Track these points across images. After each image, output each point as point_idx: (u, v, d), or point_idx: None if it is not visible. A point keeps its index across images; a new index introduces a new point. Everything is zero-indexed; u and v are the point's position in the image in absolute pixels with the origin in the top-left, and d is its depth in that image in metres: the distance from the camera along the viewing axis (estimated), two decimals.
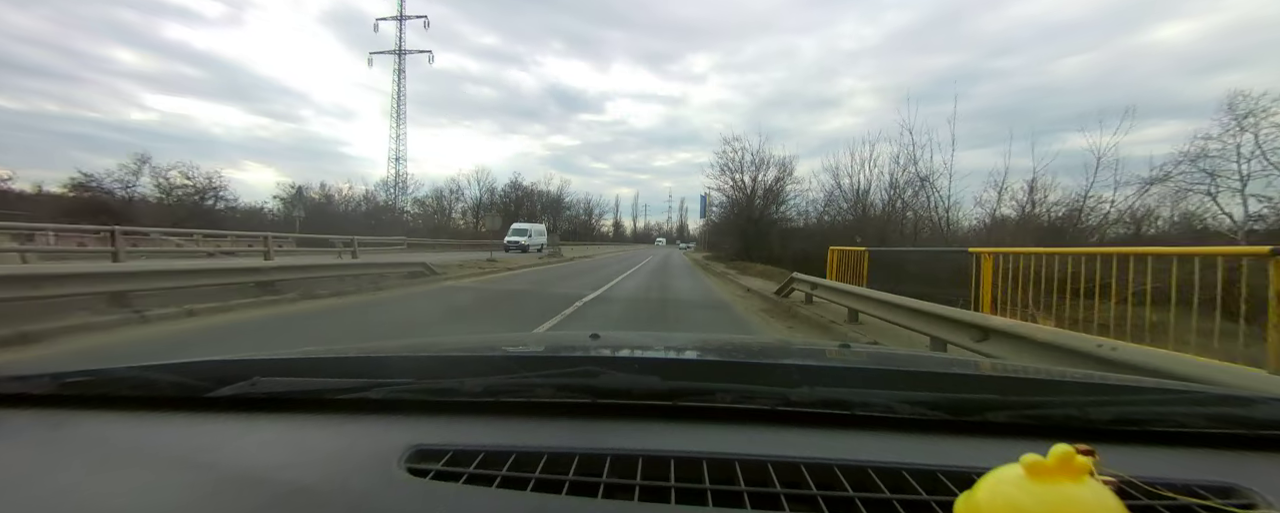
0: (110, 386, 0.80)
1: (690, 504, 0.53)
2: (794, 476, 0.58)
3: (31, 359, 4.07)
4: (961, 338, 4.09)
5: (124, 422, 0.72)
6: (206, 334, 5.28)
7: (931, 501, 0.53)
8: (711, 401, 0.74)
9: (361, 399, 0.75)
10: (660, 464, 0.59)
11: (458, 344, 1.34)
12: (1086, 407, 0.76)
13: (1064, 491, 0.39)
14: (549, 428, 0.70)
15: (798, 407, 0.73)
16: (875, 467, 0.59)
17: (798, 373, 0.89)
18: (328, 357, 0.99)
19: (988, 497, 0.42)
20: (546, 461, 0.60)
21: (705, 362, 1.14)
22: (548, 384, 0.78)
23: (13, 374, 0.82)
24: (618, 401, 0.74)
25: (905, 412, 0.72)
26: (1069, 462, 0.39)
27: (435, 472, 0.57)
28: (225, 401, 0.75)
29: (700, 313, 8.35)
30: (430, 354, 1.01)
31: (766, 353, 1.30)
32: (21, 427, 0.71)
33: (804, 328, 7.04)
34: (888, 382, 0.88)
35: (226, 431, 0.69)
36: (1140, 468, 0.52)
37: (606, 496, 0.55)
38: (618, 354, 1.06)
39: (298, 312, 6.91)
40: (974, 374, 1.07)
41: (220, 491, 0.54)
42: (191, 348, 4.55)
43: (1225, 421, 0.73)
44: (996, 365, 1.18)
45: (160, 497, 0.54)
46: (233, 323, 5.95)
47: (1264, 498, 0.56)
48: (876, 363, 1.09)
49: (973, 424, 0.71)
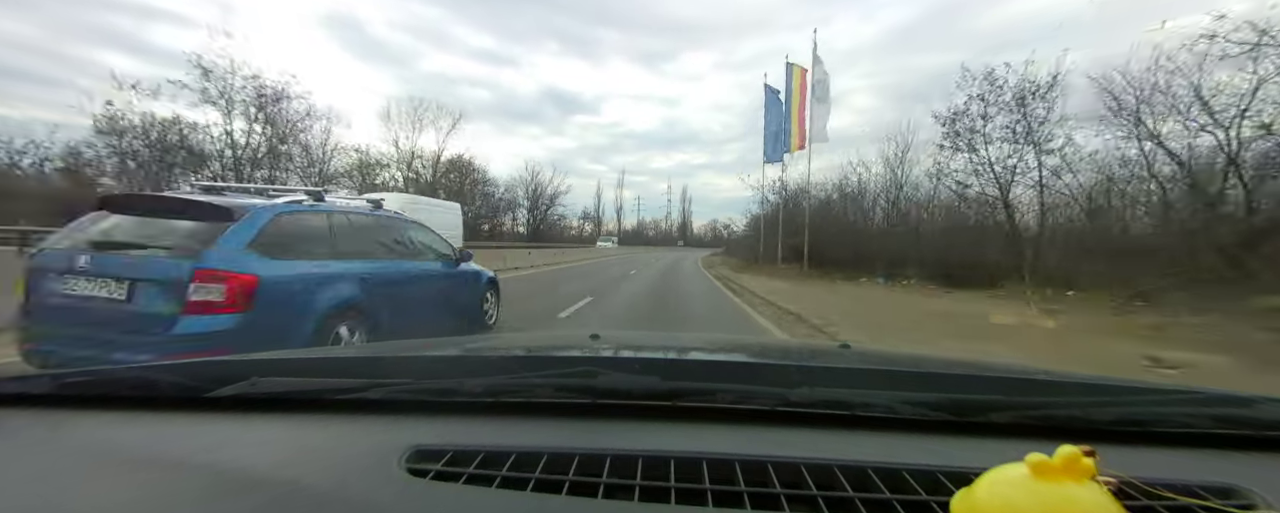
0: (110, 386, 0.80)
1: (690, 505, 0.53)
2: (794, 476, 0.58)
3: None
4: None
5: (124, 422, 0.72)
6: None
7: (931, 501, 0.53)
8: (711, 401, 0.74)
9: (361, 399, 0.75)
10: (660, 464, 0.59)
11: (458, 344, 1.34)
12: (1087, 407, 0.76)
13: (1062, 491, 0.39)
14: (549, 428, 0.70)
15: (798, 407, 0.73)
16: (875, 467, 0.59)
17: (798, 373, 0.89)
18: (327, 357, 0.99)
19: (986, 496, 0.42)
20: (546, 461, 0.60)
21: (705, 362, 1.14)
22: (548, 384, 0.78)
23: (13, 374, 0.82)
24: (618, 401, 0.74)
25: (905, 412, 0.72)
26: (1074, 463, 0.39)
27: (435, 472, 0.57)
28: (225, 401, 0.75)
29: None
30: (430, 354, 1.02)
31: (766, 353, 1.30)
32: (21, 427, 0.71)
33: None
34: (888, 382, 0.88)
35: (226, 431, 0.69)
36: (1140, 469, 0.52)
37: (606, 496, 0.55)
38: (617, 354, 1.06)
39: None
40: (975, 375, 1.07)
41: (220, 491, 0.54)
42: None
43: (1225, 421, 0.73)
44: (997, 366, 1.18)
45: (160, 497, 0.54)
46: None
47: (1264, 498, 0.56)
48: (876, 363, 1.09)
49: (973, 425, 0.71)
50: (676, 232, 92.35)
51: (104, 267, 2.89)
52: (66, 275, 2.91)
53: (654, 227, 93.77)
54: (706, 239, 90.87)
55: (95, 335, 2.80)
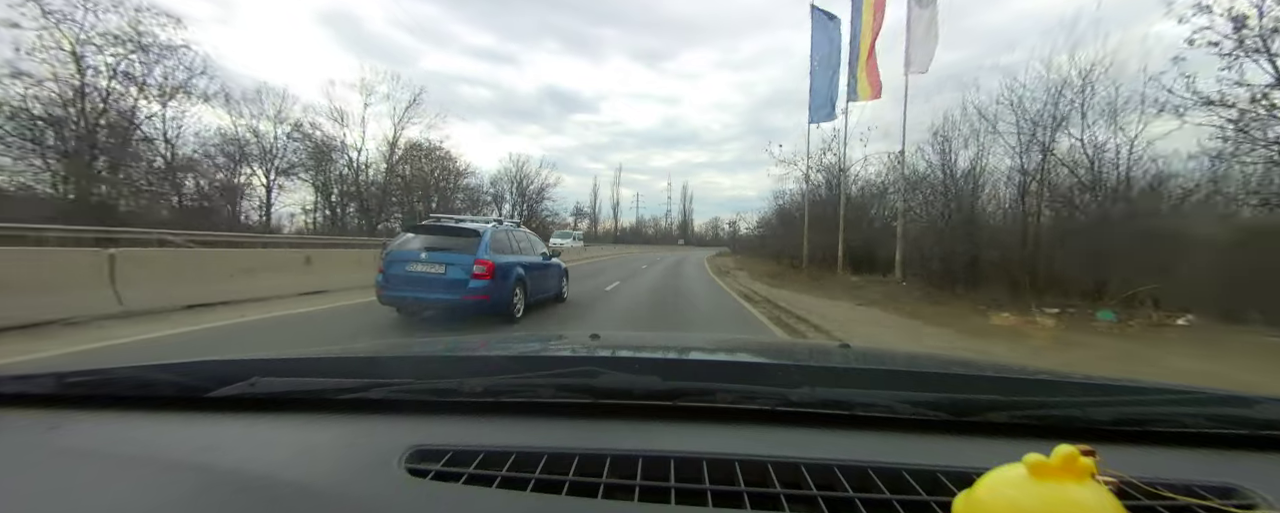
0: (110, 386, 0.80)
1: (690, 505, 0.53)
2: (794, 476, 0.58)
3: (32, 359, 4.06)
4: None
5: (124, 422, 0.72)
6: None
7: (931, 501, 0.53)
8: (711, 401, 0.74)
9: (361, 399, 0.75)
10: (660, 464, 0.59)
11: (458, 344, 1.34)
12: (1087, 407, 0.76)
13: (1064, 491, 0.39)
14: (549, 428, 0.70)
15: (798, 407, 0.73)
16: (875, 467, 0.59)
17: (798, 373, 0.89)
18: (327, 357, 0.99)
19: (987, 496, 0.42)
20: (546, 461, 0.60)
21: (705, 362, 1.14)
22: (548, 384, 0.78)
23: (13, 374, 0.82)
24: (618, 401, 0.74)
25: (906, 412, 0.72)
26: (1073, 462, 0.39)
27: (435, 472, 0.57)
28: (225, 401, 0.75)
29: None
30: (430, 354, 1.02)
31: (767, 353, 1.30)
32: (21, 427, 0.71)
33: None
34: (888, 382, 0.88)
35: (226, 431, 0.69)
36: (1141, 468, 0.52)
37: (606, 496, 0.55)
38: (618, 354, 1.06)
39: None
40: (975, 375, 1.08)
41: (219, 491, 0.54)
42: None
43: (1226, 421, 0.73)
44: (997, 366, 1.18)
45: (159, 497, 0.54)
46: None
47: (1264, 498, 0.56)
48: (876, 363, 1.09)
49: (973, 425, 0.71)
50: (677, 230, 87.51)
51: (431, 257, 6.26)
52: (408, 261, 6.26)
53: (653, 225, 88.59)
54: (708, 238, 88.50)
55: (427, 290, 6.13)
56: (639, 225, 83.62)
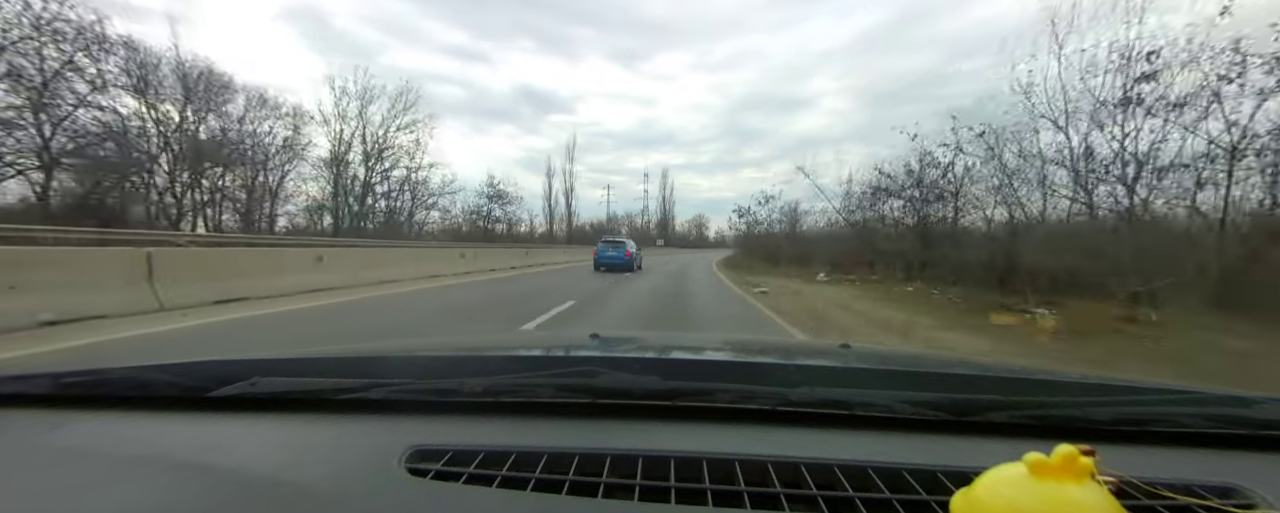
0: (109, 386, 0.80)
1: (690, 504, 0.53)
2: (794, 476, 0.58)
3: (31, 359, 4.07)
4: None
5: (123, 422, 0.72)
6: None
7: (931, 501, 0.53)
8: (711, 400, 0.74)
9: (361, 399, 0.75)
10: (660, 464, 0.59)
11: (458, 344, 1.34)
12: (1087, 407, 0.76)
13: (1063, 491, 0.39)
14: (549, 428, 0.70)
15: (798, 407, 0.73)
16: (875, 467, 0.59)
17: (798, 373, 0.89)
18: (327, 357, 0.99)
19: (986, 495, 0.42)
20: (546, 461, 0.60)
21: (705, 362, 1.14)
22: (548, 384, 0.78)
23: (12, 374, 0.82)
24: (618, 401, 0.74)
25: (906, 412, 0.72)
26: (1073, 462, 0.39)
27: (435, 472, 0.57)
28: (225, 401, 0.75)
29: None
30: (430, 354, 1.02)
31: (766, 353, 1.30)
32: (21, 427, 0.71)
33: None
34: (888, 382, 0.88)
35: (226, 431, 0.69)
36: (1140, 468, 0.52)
37: (606, 495, 0.55)
38: (617, 354, 1.06)
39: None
40: (975, 374, 1.07)
41: (219, 491, 0.54)
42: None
43: (1225, 421, 0.73)
44: (997, 365, 1.18)
45: (159, 497, 0.54)
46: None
47: (1264, 498, 0.56)
48: (876, 363, 1.09)
49: (973, 424, 0.71)
50: (656, 229, 73.06)
51: (617, 247, 20.11)
52: (605, 249, 20.04)
53: (628, 223, 71.13)
54: (691, 239, 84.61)
55: (613, 261, 19.28)
56: (612, 224, 65.03)
